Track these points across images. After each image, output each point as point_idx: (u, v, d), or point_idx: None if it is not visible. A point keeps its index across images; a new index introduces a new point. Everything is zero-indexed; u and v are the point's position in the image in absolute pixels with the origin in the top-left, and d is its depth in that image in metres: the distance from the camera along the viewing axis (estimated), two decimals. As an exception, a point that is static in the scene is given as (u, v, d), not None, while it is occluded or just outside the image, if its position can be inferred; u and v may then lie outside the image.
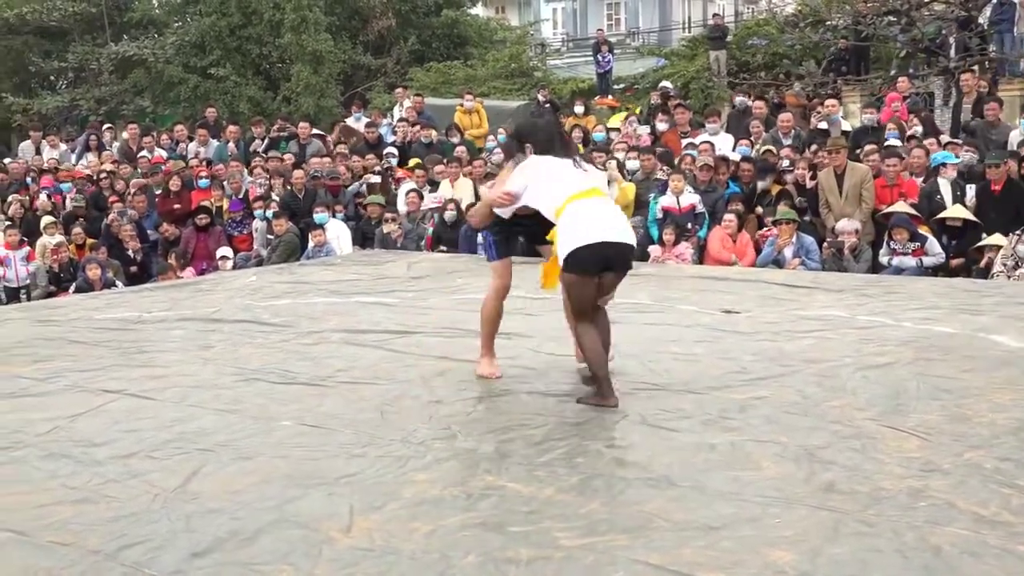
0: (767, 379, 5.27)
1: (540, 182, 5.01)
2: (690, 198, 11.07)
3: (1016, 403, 4.74)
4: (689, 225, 10.89)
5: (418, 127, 14.83)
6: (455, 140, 14.31)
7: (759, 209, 10.88)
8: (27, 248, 12.65)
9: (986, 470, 3.87)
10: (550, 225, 5.04)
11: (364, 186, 13.12)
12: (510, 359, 5.81)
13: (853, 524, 3.39)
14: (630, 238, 4.97)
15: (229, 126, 16.27)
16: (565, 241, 4.84)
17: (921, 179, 10.45)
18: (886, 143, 11.62)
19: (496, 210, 5.25)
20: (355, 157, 13.92)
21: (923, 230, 9.80)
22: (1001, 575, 3.02)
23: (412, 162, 13.66)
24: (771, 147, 12.06)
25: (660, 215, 11.08)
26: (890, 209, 10.04)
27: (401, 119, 15.53)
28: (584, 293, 4.91)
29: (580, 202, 4.89)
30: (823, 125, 12.45)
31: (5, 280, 12.44)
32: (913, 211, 9.91)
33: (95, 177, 14.60)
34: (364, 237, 12.27)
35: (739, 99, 14.55)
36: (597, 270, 4.86)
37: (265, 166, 13.63)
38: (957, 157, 10.71)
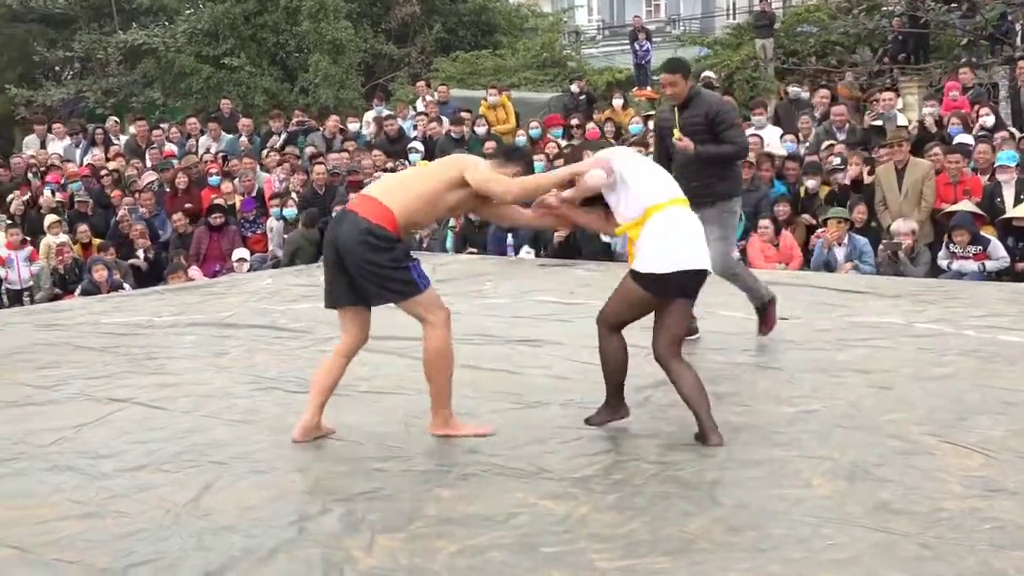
0: (818, 390, 5.25)
1: (633, 177, 4.60)
2: None
3: (1088, 418, 4.70)
4: None
5: (439, 121, 14.77)
6: (480, 131, 14.26)
7: (805, 216, 10.73)
8: (30, 248, 12.72)
9: (1056, 490, 3.84)
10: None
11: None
12: (543, 368, 5.82)
13: (911, 547, 3.37)
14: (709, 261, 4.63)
15: (242, 119, 16.39)
16: (657, 257, 4.46)
17: (987, 176, 10.31)
18: (954, 140, 11.44)
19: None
20: (375, 152, 13.93)
21: (986, 231, 9.68)
22: (1072, 603, 2.99)
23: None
24: (822, 141, 11.95)
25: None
26: (952, 208, 9.94)
27: (420, 113, 15.53)
28: (639, 312, 4.64)
29: (671, 210, 4.54)
30: (878, 122, 12.31)
31: (7, 282, 12.53)
32: (977, 210, 9.80)
33: (101, 173, 14.67)
34: None
35: (793, 89, 14.45)
36: (675, 295, 4.54)
37: (287, 162, 13.64)
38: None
